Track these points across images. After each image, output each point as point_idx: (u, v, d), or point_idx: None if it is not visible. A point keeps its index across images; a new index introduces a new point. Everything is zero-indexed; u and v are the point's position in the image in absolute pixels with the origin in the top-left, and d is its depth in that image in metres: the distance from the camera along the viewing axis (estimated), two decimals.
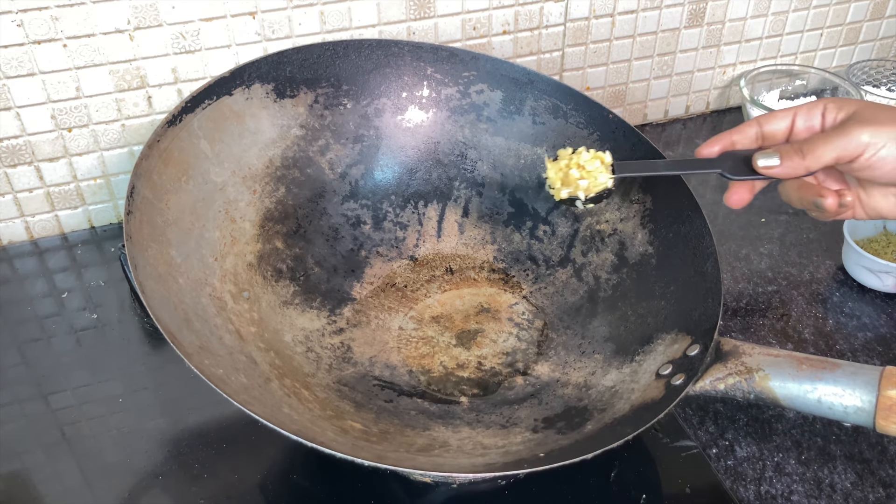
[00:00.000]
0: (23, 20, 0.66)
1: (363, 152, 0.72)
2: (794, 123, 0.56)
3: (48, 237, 0.78)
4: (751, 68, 0.96)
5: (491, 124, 0.73)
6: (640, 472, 0.57)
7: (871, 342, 0.68)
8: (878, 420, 0.49)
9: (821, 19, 0.96)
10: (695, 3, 0.88)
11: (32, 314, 0.70)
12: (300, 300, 0.66)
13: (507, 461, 0.52)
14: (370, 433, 0.54)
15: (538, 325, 0.68)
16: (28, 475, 0.57)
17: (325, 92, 0.70)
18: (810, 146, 0.53)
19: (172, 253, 0.57)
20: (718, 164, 0.57)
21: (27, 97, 0.70)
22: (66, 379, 0.64)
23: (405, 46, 0.72)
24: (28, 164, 0.73)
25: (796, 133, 0.56)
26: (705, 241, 0.61)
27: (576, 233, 0.71)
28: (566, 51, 0.87)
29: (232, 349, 0.55)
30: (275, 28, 0.74)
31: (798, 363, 0.52)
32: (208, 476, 0.56)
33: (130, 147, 0.76)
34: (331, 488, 0.56)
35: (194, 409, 0.61)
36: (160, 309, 0.51)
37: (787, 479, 0.57)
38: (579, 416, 0.57)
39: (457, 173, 0.74)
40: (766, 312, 0.71)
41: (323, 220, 0.70)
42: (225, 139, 0.65)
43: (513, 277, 0.72)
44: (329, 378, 0.61)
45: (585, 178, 0.60)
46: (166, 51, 0.71)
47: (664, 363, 0.57)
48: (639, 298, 0.64)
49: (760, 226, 0.81)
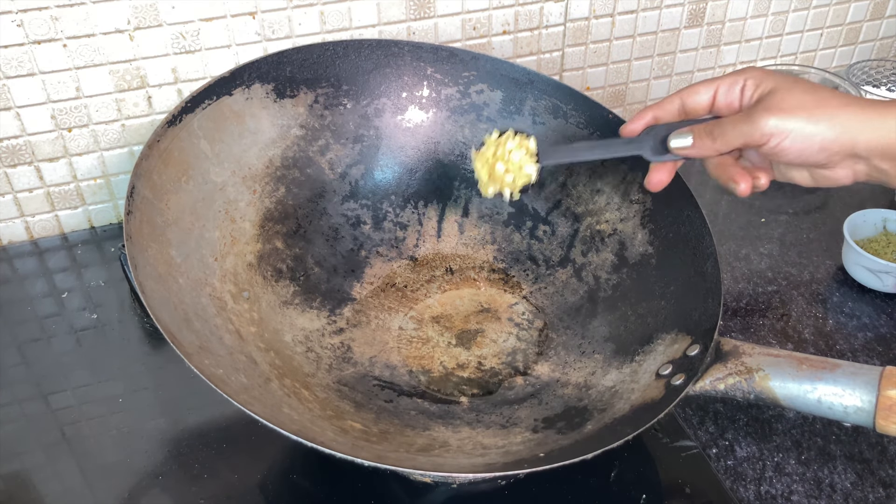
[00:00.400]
0: (23, 20, 0.66)
1: (363, 152, 0.72)
2: (716, 97, 0.55)
3: (48, 237, 0.78)
4: None
5: (491, 124, 0.73)
6: (640, 472, 0.57)
7: (871, 342, 0.68)
8: (878, 420, 0.49)
9: (821, 19, 0.96)
10: (695, 3, 0.88)
11: (32, 314, 0.70)
12: (300, 300, 0.66)
13: (507, 461, 0.52)
14: (370, 433, 0.54)
15: (538, 325, 0.68)
16: (28, 475, 0.57)
17: (325, 92, 0.70)
18: (720, 130, 0.53)
19: (172, 253, 0.57)
20: (640, 146, 0.56)
21: (27, 97, 0.70)
22: (66, 379, 0.64)
23: (405, 46, 0.72)
24: (28, 164, 0.73)
25: (717, 108, 0.55)
26: (705, 241, 0.61)
27: (576, 233, 0.71)
28: (566, 51, 0.87)
29: (232, 349, 0.55)
30: (275, 28, 0.74)
31: (798, 363, 0.52)
32: (208, 476, 0.56)
33: (130, 147, 0.76)
34: (331, 488, 0.56)
35: (194, 409, 0.61)
36: (160, 309, 0.51)
37: (787, 479, 0.57)
38: (579, 416, 0.57)
39: (457, 173, 0.74)
40: (766, 312, 0.71)
41: (323, 220, 0.70)
42: (225, 139, 0.65)
43: (513, 277, 0.72)
44: (329, 378, 0.61)
45: (511, 171, 0.58)
46: (166, 51, 0.71)
47: (664, 363, 0.57)
48: (639, 298, 0.64)
49: (760, 226, 0.81)
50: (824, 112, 0.50)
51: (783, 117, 0.50)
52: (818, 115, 0.50)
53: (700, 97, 0.55)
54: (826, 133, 0.50)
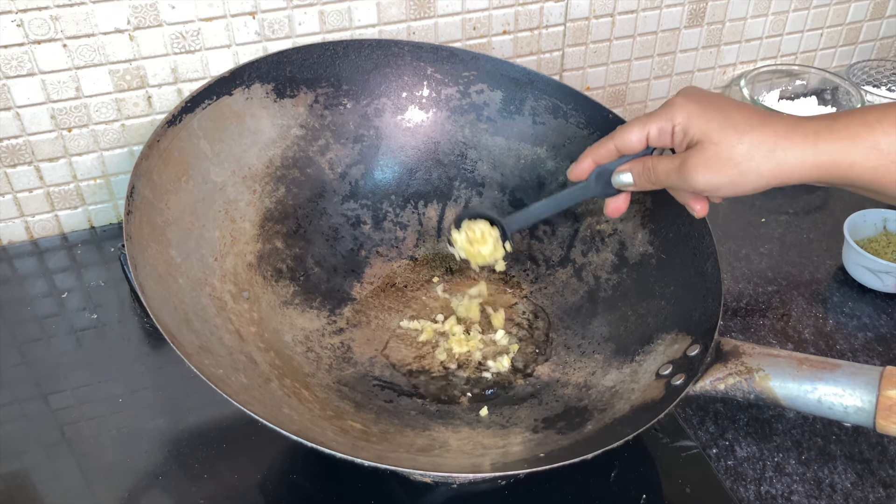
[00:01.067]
0: (23, 20, 0.66)
1: (363, 152, 0.72)
2: (648, 139, 0.56)
3: (48, 237, 0.78)
4: (751, 68, 0.96)
5: (491, 124, 0.73)
6: (640, 472, 0.57)
7: (871, 342, 0.68)
8: (878, 420, 0.49)
9: (821, 19, 0.96)
10: (695, 3, 0.88)
11: (32, 314, 0.70)
12: (300, 300, 0.66)
13: (507, 461, 0.52)
14: (370, 433, 0.54)
15: (538, 325, 0.68)
16: (28, 475, 0.57)
17: (325, 92, 0.70)
18: (656, 176, 0.55)
19: (172, 253, 0.57)
20: (591, 190, 0.60)
21: (27, 97, 0.70)
22: (66, 379, 0.64)
23: (405, 46, 0.72)
24: (28, 164, 0.73)
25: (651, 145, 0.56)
26: (705, 241, 0.61)
27: (576, 233, 0.71)
28: (566, 51, 0.87)
29: (232, 349, 0.55)
30: (275, 28, 0.74)
31: (798, 363, 0.52)
32: (208, 476, 0.56)
33: (130, 147, 0.76)
34: (331, 488, 0.56)
35: (194, 409, 0.61)
36: (160, 309, 0.51)
37: (787, 479, 0.57)
38: (579, 416, 0.57)
39: (457, 173, 0.74)
40: (766, 312, 0.71)
41: (323, 220, 0.70)
42: (225, 139, 0.65)
43: (513, 277, 0.72)
44: (329, 378, 0.61)
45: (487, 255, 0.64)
46: (166, 51, 0.71)
47: (664, 363, 0.57)
48: (639, 298, 0.64)
49: (760, 226, 0.81)
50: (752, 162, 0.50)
51: (714, 174, 0.51)
52: (746, 167, 0.50)
53: (632, 141, 0.56)
54: (757, 181, 0.51)
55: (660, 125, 0.54)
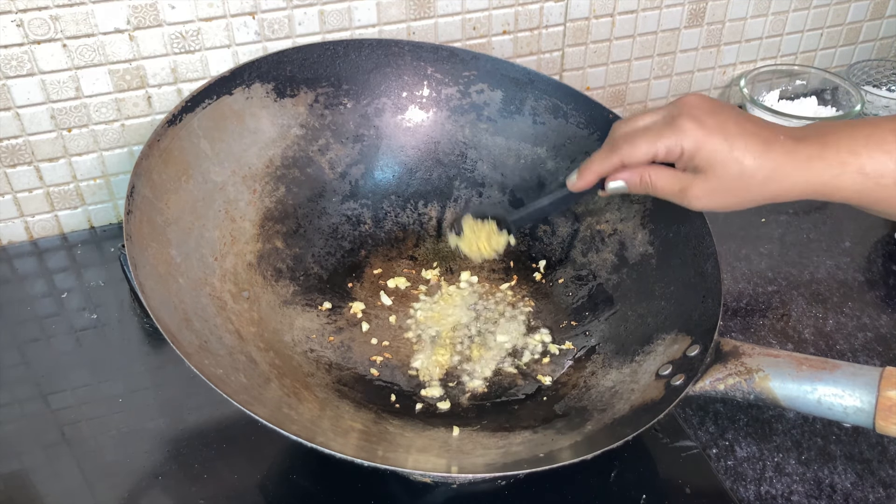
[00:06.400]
0: (23, 20, 0.66)
1: (363, 152, 0.72)
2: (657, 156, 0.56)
3: (48, 237, 0.78)
4: (751, 68, 0.96)
5: (491, 124, 0.73)
6: (640, 472, 0.57)
7: (871, 342, 0.68)
8: (878, 421, 0.49)
9: (821, 19, 0.96)
10: (695, 3, 0.88)
11: (32, 314, 0.69)
12: (300, 300, 0.66)
13: (507, 461, 0.52)
14: (370, 433, 0.54)
15: (538, 325, 0.68)
16: (28, 475, 0.56)
17: (325, 91, 0.70)
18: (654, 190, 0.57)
19: (172, 252, 0.57)
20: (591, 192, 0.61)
21: (27, 97, 0.70)
22: (66, 379, 0.64)
23: (405, 46, 0.72)
24: (28, 164, 0.73)
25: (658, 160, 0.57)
26: (705, 241, 0.61)
27: (576, 233, 0.71)
28: (566, 51, 0.87)
29: (232, 349, 0.55)
30: (275, 28, 0.74)
31: (798, 364, 0.52)
32: (208, 476, 0.56)
33: (130, 147, 0.76)
34: (331, 488, 0.56)
35: (194, 409, 0.61)
36: (160, 309, 0.51)
37: (787, 480, 0.57)
38: (579, 416, 0.57)
39: (457, 173, 0.74)
40: (766, 312, 0.71)
41: (323, 220, 0.70)
42: (225, 138, 0.65)
43: (513, 277, 0.72)
44: (329, 378, 0.61)
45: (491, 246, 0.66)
46: (166, 51, 0.71)
47: (664, 363, 0.57)
48: (639, 298, 0.64)
49: (760, 226, 0.81)
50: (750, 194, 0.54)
51: (713, 202, 0.55)
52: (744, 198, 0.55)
53: (639, 158, 0.57)
54: (752, 204, 0.55)
55: (668, 145, 0.55)
